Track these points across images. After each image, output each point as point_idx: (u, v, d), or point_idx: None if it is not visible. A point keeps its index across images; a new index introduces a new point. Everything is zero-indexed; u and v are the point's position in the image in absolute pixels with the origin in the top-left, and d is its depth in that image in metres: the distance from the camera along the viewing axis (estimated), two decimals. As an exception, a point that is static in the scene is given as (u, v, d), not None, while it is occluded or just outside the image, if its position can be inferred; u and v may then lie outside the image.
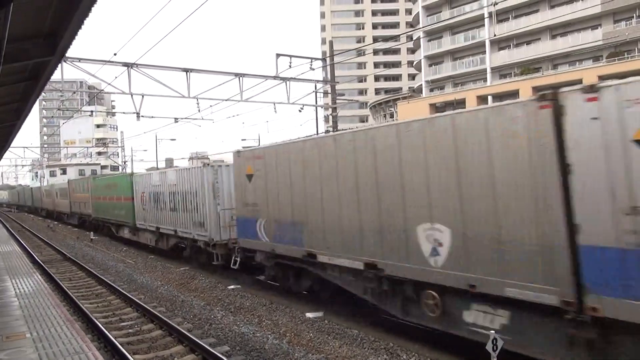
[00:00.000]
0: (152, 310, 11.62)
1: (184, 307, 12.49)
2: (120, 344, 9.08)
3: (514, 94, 44.22)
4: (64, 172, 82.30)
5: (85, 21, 7.38)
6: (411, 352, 8.50)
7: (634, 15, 43.14)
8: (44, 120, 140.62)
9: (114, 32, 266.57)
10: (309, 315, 11.15)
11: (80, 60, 16.71)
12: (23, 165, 76.26)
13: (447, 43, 58.15)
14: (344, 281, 10.30)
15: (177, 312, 12.05)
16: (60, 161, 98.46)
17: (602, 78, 39.17)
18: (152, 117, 21.70)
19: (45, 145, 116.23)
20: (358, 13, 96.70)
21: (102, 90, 21.21)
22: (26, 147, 49.02)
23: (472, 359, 8.15)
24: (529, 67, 48.84)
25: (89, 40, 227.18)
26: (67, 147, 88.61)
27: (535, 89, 42.86)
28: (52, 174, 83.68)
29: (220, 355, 8.28)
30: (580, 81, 38.94)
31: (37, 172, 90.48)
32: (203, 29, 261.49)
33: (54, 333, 8.06)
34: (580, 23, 45.72)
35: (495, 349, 5.86)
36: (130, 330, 10.64)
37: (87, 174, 74.59)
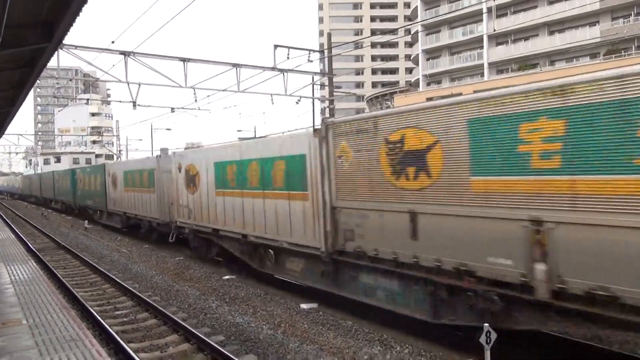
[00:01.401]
0: (147, 299, 11.65)
1: (179, 297, 12.53)
2: (115, 332, 9.12)
3: (511, 89, 44.31)
4: (58, 160, 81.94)
5: (83, 8, 7.34)
6: (405, 344, 8.58)
7: (632, 12, 43.19)
8: (39, 107, 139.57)
9: (111, 21, 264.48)
10: (303, 306, 11.22)
11: (76, 47, 16.61)
12: (17, 153, 75.81)
13: (445, 37, 58.07)
14: None
15: (172, 302, 12.08)
16: (54, 149, 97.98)
17: (598, 75, 39.36)
18: (149, 106, 21.63)
19: (40, 133, 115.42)
20: (356, 6, 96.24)
21: (99, 78, 21.08)
22: (20, 135, 48.72)
23: (465, 351, 8.24)
24: (526, 63, 48.89)
25: (86, 28, 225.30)
26: (61, 135, 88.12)
27: (532, 85, 43.06)
28: (46, 162, 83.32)
29: (215, 345, 8.33)
30: (576, 78, 39.08)
31: (30, 160, 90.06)
32: (201, 18, 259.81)
33: (50, 320, 8.07)
34: (578, 20, 45.76)
35: (488, 341, 5.93)
36: (125, 319, 10.68)
37: (82, 163, 73.58)
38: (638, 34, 41.58)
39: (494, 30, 42.10)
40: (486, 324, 6.08)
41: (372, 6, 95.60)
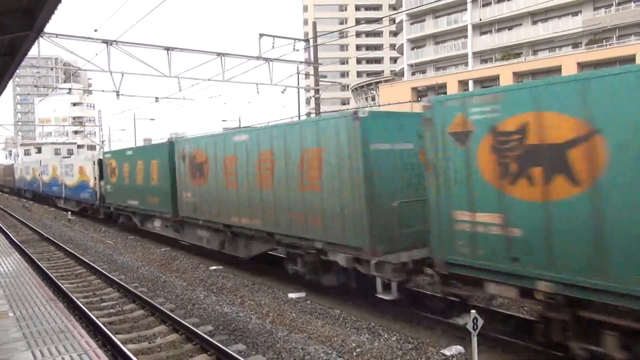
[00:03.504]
0: (133, 290, 11.60)
1: (166, 288, 12.49)
2: (103, 324, 9.08)
3: (495, 79, 44.69)
4: (39, 150, 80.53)
5: (65, -5, 7.20)
6: (392, 331, 8.68)
7: (613, 2, 43.66)
8: (18, 97, 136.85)
9: (93, 8, 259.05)
10: (291, 295, 11.27)
11: (57, 36, 16.30)
12: (-4, 144, 74.34)
13: (430, 27, 58.10)
14: None
15: (159, 293, 12.05)
16: (35, 140, 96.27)
17: (581, 65, 39.78)
18: (133, 95, 21.44)
19: (20, 123, 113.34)
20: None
21: (81, 67, 20.71)
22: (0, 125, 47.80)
23: (452, 338, 8.39)
24: (510, 53, 49.23)
25: (68, 16, 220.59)
26: (42, 126, 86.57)
27: (516, 75, 43.42)
28: (27, 153, 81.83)
29: (204, 335, 8.35)
30: (559, 68, 39.55)
31: (10, 151, 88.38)
32: (185, 7, 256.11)
33: (38, 312, 8.00)
34: (561, 9, 46.12)
35: (475, 328, 6.04)
36: (112, 310, 10.63)
37: (64, 153, 72.33)
38: (619, 23, 42.09)
39: (480, 19, 42.22)
40: (473, 311, 6.19)
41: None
